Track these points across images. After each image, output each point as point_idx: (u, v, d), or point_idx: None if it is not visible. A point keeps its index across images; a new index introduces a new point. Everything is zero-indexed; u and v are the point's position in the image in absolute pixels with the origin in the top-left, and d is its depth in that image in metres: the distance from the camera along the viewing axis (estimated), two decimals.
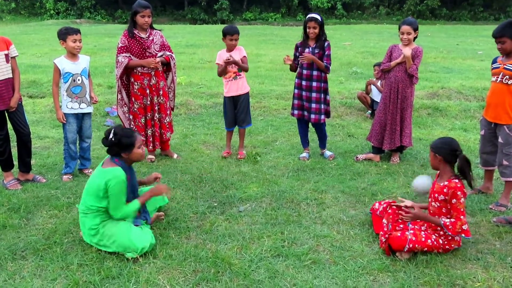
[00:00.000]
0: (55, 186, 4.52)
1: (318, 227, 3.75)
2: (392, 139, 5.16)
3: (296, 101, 5.35)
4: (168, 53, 5.21)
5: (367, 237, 3.58)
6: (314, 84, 5.14)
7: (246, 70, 5.24)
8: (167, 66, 5.29)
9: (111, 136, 3.32)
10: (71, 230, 3.65)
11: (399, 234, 3.28)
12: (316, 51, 5.06)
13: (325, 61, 5.10)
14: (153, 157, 5.32)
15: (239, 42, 5.22)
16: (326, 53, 5.07)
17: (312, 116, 5.23)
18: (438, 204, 3.36)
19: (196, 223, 3.81)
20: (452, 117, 7.22)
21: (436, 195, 3.37)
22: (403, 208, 3.41)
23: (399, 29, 5.00)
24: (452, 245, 3.33)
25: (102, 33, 20.36)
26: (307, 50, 5.10)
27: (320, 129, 5.39)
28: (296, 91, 5.33)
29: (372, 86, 7.19)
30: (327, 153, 5.44)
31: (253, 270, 3.13)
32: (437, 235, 3.33)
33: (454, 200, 3.26)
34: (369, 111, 7.30)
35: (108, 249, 3.30)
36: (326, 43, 5.07)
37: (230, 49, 5.20)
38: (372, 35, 22.83)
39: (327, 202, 4.21)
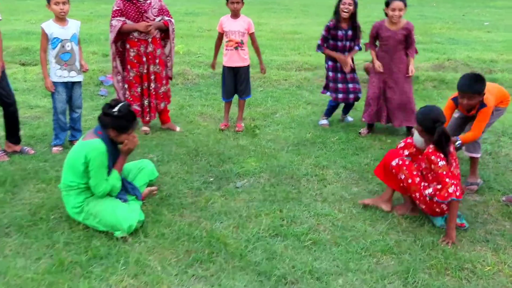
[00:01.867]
0: (44, 158, 4.32)
1: (319, 205, 3.56)
2: (398, 114, 4.91)
3: (331, 84, 5.22)
4: (167, 17, 4.91)
5: (370, 216, 3.39)
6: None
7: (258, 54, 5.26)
8: (165, 32, 5.00)
9: (116, 109, 3.09)
10: (58, 206, 3.45)
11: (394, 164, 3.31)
12: (350, 33, 5.01)
13: (356, 42, 5.13)
14: (147, 129, 5.09)
15: (243, 11, 4.96)
16: (359, 35, 5.09)
17: (351, 95, 5.20)
18: (424, 172, 3.30)
19: (191, 200, 3.62)
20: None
21: (421, 162, 3.33)
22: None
23: (387, 5, 4.67)
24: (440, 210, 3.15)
25: (98, 0, 19.78)
26: (340, 32, 4.97)
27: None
28: (330, 73, 5.21)
29: None
30: (349, 118, 5.53)
31: (249, 251, 2.96)
32: (431, 189, 3.17)
33: (432, 166, 3.12)
34: None
35: (95, 228, 3.12)
36: (358, 25, 5.04)
37: (234, 14, 4.93)
38: (377, 4, 22.24)
39: (328, 178, 4.02)
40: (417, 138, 3.37)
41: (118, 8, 4.72)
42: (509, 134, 5.12)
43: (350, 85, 5.16)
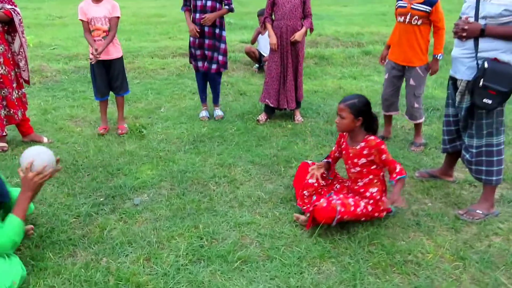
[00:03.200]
0: None
1: (237, 211, 3.12)
2: (290, 97, 4.67)
3: (192, 50, 4.63)
4: (8, 6, 3.91)
5: (294, 219, 3.05)
6: (206, 29, 4.50)
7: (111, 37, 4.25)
8: (9, 24, 3.99)
9: None
10: None
11: (324, 205, 2.81)
12: None
13: (225, 1, 4.49)
14: (5, 145, 4.09)
15: None
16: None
17: (213, 66, 4.61)
18: (359, 169, 2.96)
19: (81, 231, 2.90)
20: (339, 65, 7.04)
21: (356, 160, 2.96)
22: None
23: None
24: (382, 212, 2.99)
25: None
26: None
27: (216, 82, 4.78)
28: (191, 39, 4.60)
29: (260, 37, 6.60)
30: (217, 112, 4.87)
31: (171, 287, 2.41)
32: (366, 201, 2.95)
33: (384, 156, 2.89)
34: (257, 65, 6.75)
35: None
36: None
37: None
38: None
39: (238, 178, 3.59)
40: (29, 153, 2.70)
41: None
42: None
43: (209, 53, 4.60)
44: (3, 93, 3.97)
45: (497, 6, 2.67)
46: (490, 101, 2.75)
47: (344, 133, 3.09)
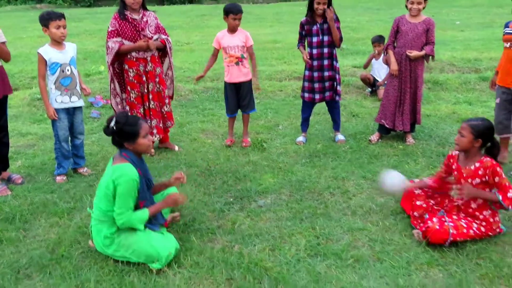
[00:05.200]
0: (50, 190, 4.07)
1: (350, 219, 3.47)
2: (406, 119, 4.90)
3: (306, 84, 5.02)
4: (164, 36, 4.76)
5: (404, 227, 3.32)
6: (326, 62, 4.82)
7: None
8: (162, 51, 4.84)
9: (112, 124, 2.91)
10: (78, 240, 3.24)
11: (437, 227, 3.01)
12: (325, 26, 4.72)
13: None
14: (152, 150, 4.91)
15: (214, 22, 4.83)
16: (336, 26, 4.74)
17: (327, 93, 4.95)
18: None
19: (216, 223, 3.47)
20: (453, 91, 7.03)
21: (470, 180, 3.12)
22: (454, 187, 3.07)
23: None
24: (496, 230, 3.11)
25: (67, 18, 19.34)
26: (314, 27, 4.75)
27: (335, 109, 5.11)
28: (307, 72, 4.99)
29: (374, 62, 6.91)
30: (339, 137, 5.14)
31: (292, 274, 2.83)
32: (478, 222, 3.10)
33: (497, 179, 3.03)
34: (369, 89, 7.03)
35: (127, 260, 2.92)
36: (335, 16, 4.72)
37: (232, 29, 4.80)
38: (347, 9, 22.55)
39: (351, 190, 3.93)
40: (391, 180, 3.41)
41: (113, 29, 4.54)
42: None
43: (327, 84, 4.91)
44: (155, 106, 4.78)
45: None
46: None
47: (454, 154, 3.28)
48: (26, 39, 13.64)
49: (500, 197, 2.99)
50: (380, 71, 6.83)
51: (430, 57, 4.78)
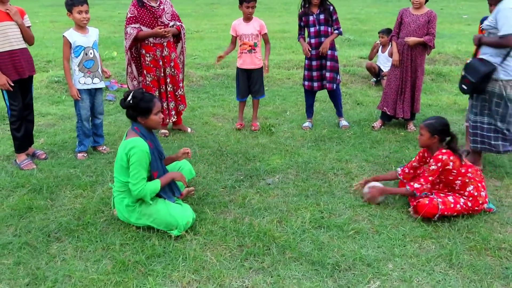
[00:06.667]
0: (73, 165, 4.37)
1: (352, 197, 3.74)
2: (406, 107, 5.16)
3: (306, 72, 5.26)
4: (178, 23, 5.02)
5: (402, 205, 3.59)
6: (329, 52, 5.08)
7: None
8: (176, 37, 5.10)
9: (129, 98, 3.18)
10: (101, 209, 3.54)
11: (427, 202, 3.30)
12: (321, 16, 4.96)
13: (335, 26, 5.07)
14: (166, 131, 5.19)
15: (223, 11, 5.08)
16: (334, 17, 5.01)
17: (326, 83, 5.17)
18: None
19: (228, 198, 3.75)
20: (456, 82, 7.24)
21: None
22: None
23: None
24: (483, 205, 3.37)
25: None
26: (311, 18, 5.00)
27: (335, 96, 5.34)
28: (306, 61, 5.24)
29: (380, 53, 7.14)
30: (342, 122, 5.39)
31: (298, 243, 3.11)
32: (465, 197, 3.37)
33: (431, 167, 3.37)
34: (374, 79, 7.27)
35: (149, 226, 3.22)
36: (331, 7, 4.97)
37: (247, 17, 5.05)
38: (356, 1, 22.65)
39: (353, 171, 4.20)
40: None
41: (132, 15, 4.80)
42: None
43: (327, 74, 5.11)
44: (169, 89, 5.05)
45: (487, 22, 3.85)
46: (465, 88, 3.98)
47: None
48: (38, 24, 13.91)
49: (409, 188, 3.41)
50: (385, 63, 7.05)
51: (429, 46, 5.02)
